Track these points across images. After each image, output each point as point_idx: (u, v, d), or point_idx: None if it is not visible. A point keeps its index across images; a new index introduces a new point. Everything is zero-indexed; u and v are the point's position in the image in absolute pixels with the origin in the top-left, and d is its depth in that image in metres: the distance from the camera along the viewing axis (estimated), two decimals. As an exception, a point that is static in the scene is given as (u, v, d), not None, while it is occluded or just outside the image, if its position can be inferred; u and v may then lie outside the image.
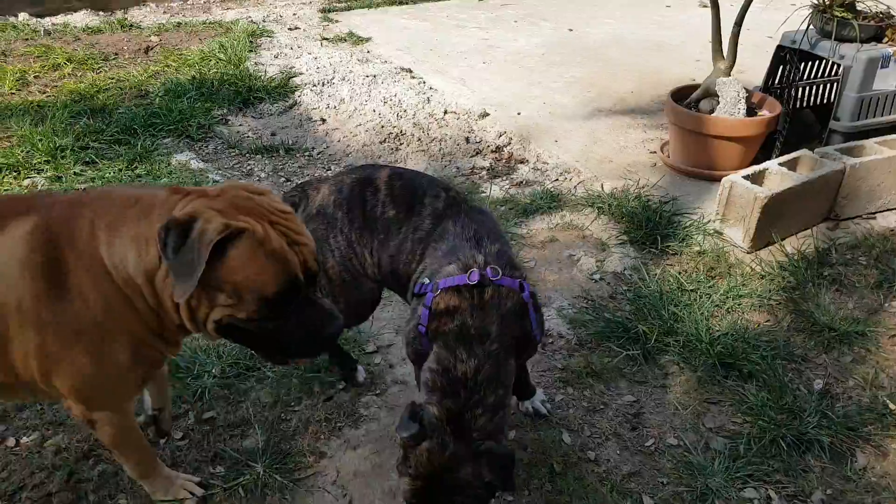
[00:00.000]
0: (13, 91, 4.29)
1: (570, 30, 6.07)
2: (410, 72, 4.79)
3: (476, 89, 4.57)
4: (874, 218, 3.13)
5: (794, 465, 1.98)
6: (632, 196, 3.23)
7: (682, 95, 3.54)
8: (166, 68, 4.75)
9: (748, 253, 2.88)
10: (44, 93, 4.31)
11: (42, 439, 2.04)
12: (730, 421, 2.13)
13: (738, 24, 3.35)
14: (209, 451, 2.03)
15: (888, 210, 3.16)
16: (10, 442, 2.04)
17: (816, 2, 3.38)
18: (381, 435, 2.07)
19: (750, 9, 3.34)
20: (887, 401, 2.18)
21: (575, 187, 3.45)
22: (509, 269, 1.71)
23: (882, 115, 3.37)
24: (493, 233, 1.82)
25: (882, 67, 3.25)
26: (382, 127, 4.00)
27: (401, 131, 4.00)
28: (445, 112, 4.21)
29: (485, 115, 4.18)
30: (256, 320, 1.43)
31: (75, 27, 5.66)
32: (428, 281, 1.70)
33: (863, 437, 2.06)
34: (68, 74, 4.58)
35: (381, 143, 3.91)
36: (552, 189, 3.41)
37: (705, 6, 6.65)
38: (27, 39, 5.31)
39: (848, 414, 2.12)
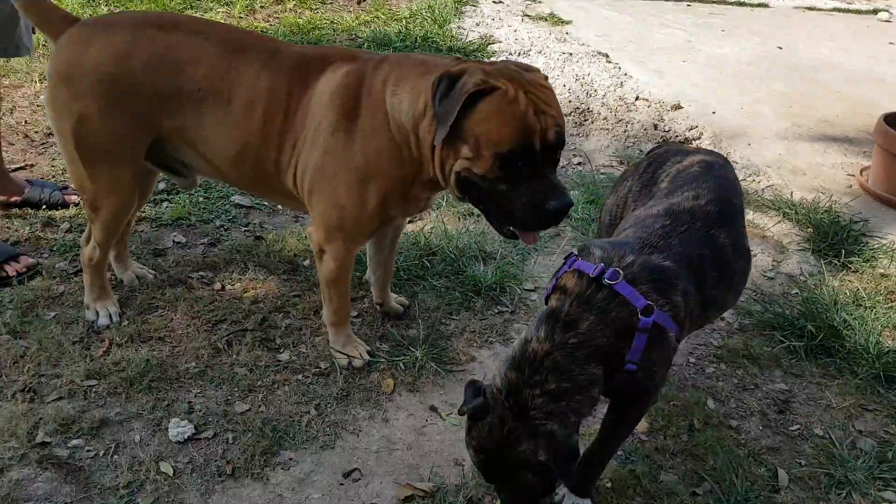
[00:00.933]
0: (242, 15, 4.86)
1: (780, 48, 5.83)
2: (606, 56, 4.86)
3: (672, 83, 4.57)
4: None
5: (941, 483, 1.90)
6: (821, 209, 3.14)
7: (893, 120, 3.35)
8: (376, 19, 5.12)
9: (939, 285, 2.72)
10: (267, 21, 4.84)
11: (243, 290, 2.41)
12: (882, 429, 2.08)
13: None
14: (378, 331, 2.31)
15: None
16: (217, 286, 2.42)
17: None
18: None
19: None
20: None
21: (763, 190, 3.39)
22: (651, 288, 1.52)
23: None
24: (688, 256, 1.61)
25: None
26: (570, 102, 4.13)
27: (588, 108, 4.12)
28: (637, 98, 4.26)
29: (678, 107, 4.18)
30: (490, 179, 1.62)
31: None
32: (576, 254, 1.64)
33: None
34: (290, 9, 5.04)
35: (566, 115, 4.05)
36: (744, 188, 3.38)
37: (939, 48, 6.14)
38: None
39: None
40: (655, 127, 3.97)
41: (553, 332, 1.48)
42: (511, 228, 1.75)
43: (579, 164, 3.57)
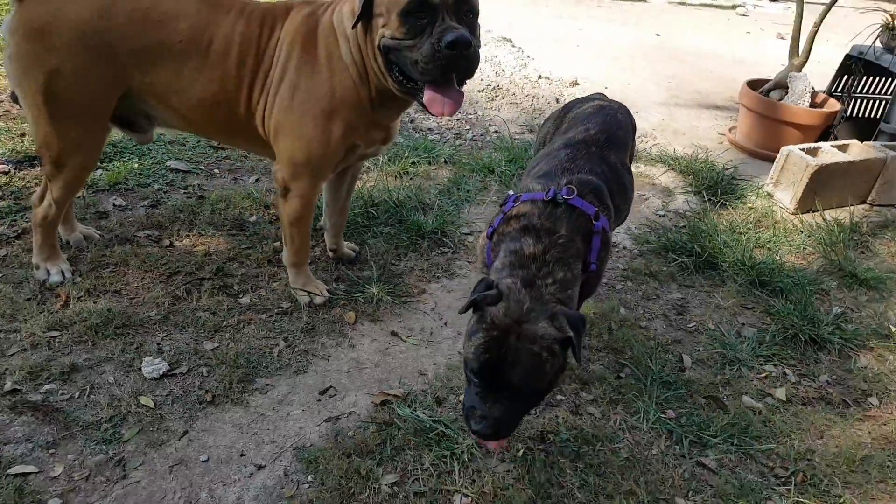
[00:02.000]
0: None
1: (658, 35, 6.48)
2: (510, 41, 5.26)
3: (568, 64, 5.02)
4: (907, 208, 3.49)
5: (808, 356, 2.36)
6: (699, 160, 3.63)
7: (755, 85, 3.93)
8: None
9: (793, 214, 3.26)
10: None
11: (192, 246, 2.51)
12: (760, 322, 2.52)
13: (815, 28, 3.73)
14: (333, 274, 2.49)
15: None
16: (166, 243, 2.51)
17: (887, 20, 3.74)
18: (470, 287, 2.50)
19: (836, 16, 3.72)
20: (892, 327, 2.53)
21: (650, 148, 3.86)
22: (593, 198, 1.77)
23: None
24: (603, 169, 1.90)
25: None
26: (482, 80, 4.47)
27: (498, 85, 4.47)
28: (539, 77, 4.66)
29: (575, 83, 4.62)
30: (399, 39, 1.77)
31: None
32: (513, 193, 1.84)
33: (866, 347, 2.43)
34: None
35: (479, 91, 4.38)
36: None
37: (782, 38, 7.04)
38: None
39: (857, 331, 2.48)
40: (557, 100, 4.37)
41: (540, 238, 1.65)
42: (423, 95, 1.83)
43: (495, 132, 3.89)
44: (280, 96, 2.00)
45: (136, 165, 2.91)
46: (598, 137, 2.01)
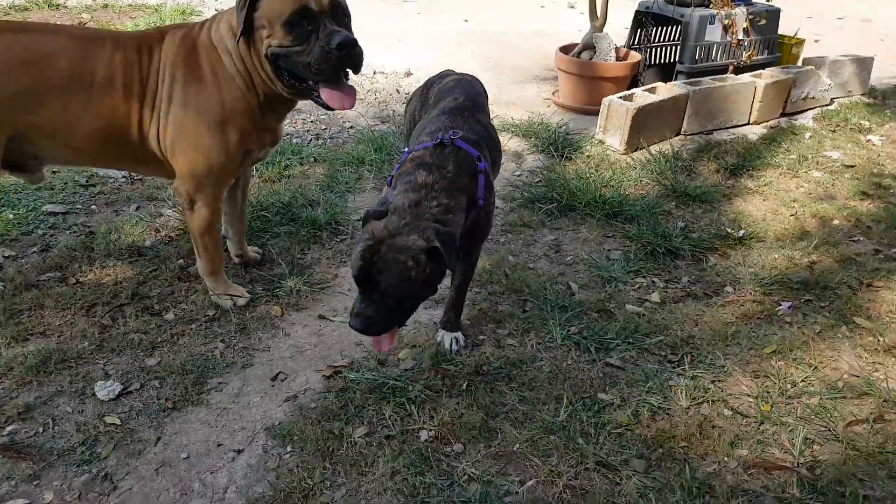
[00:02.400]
0: None
1: (466, 20, 6.99)
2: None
3: (397, 57, 5.33)
4: (711, 134, 4.21)
5: (668, 265, 2.86)
6: (535, 123, 4.11)
7: (566, 50, 4.49)
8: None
9: (623, 154, 3.83)
10: None
11: (98, 279, 2.53)
12: (622, 246, 3.00)
13: (606, -6, 4.36)
14: (247, 277, 2.62)
15: (720, 129, 4.25)
16: (72, 281, 2.51)
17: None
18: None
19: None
20: (726, 229, 3.14)
21: (492, 119, 4.28)
22: (473, 143, 2.04)
23: (711, 61, 4.50)
24: (478, 128, 2.19)
25: (710, 24, 4.36)
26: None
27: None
28: (374, 72, 4.94)
29: (409, 73, 4.95)
30: (287, 46, 1.97)
31: (2, 5, 5.84)
32: (407, 149, 2.11)
33: (711, 249, 2.99)
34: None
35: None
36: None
37: (572, 7, 7.87)
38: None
39: (702, 237, 3.05)
40: (397, 91, 4.68)
41: (431, 171, 1.92)
42: (320, 94, 2.03)
43: (350, 127, 4.12)
44: (172, 115, 2.12)
45: (11, 216, 2.82)
46: (467, 104, 2.31)
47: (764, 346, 2.39)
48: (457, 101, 2.31)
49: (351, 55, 1.99)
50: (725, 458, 1.93)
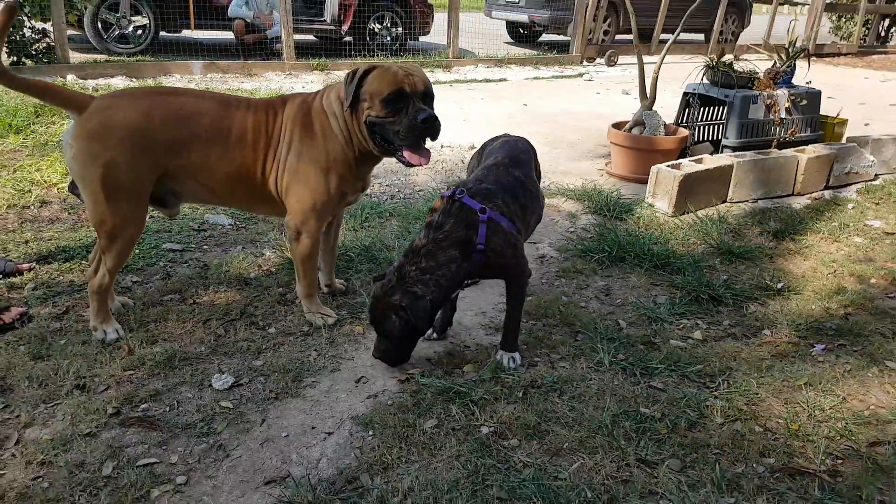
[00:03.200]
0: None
1: (525, 104, 7.60)
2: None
3: (463, 134, 5.90)
4: (756, 202, 4.51)
5: (710, 310, 3.14)
6: (589, 189, 4.52)
7: (618, 126, 4.94)
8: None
9: (672, 217, 4.17)
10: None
11: (211, 301, 2.99)
12: (668, 292, 3.30)
13: (655, 75, 4.82)
14: (334, 304, 3.03)
15: (765, 198, 4.55)
16: (189, 302, 2.97)
17: (708, 62, 4.91)
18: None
19: (668, 64, 4.83)
20: (767, 282, 3.40)
21: (548, 185, 4.72)
22: (480, 197, 2.44)
23: (755, 137, 4.85)
24: (508, 180, 2.60)
25: (753, 104, 4.75)
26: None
27: (410, 156, 5.24)
28: (442, 146, 5.48)
29: (472, 147, 5.47)
30: (382, 117, 2.49)
31: (117, 87, 6.76)
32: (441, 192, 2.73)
33: (752, 298, 3.26)
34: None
35: (395, 163, 5.11)
36: (532, 187, 4.68)
37: (627, 93, 8.41)
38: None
39: (743, 288, 3.32)
40: (462, 161, 5.19)
41: (428, 233, 2.40)
42: (404, 154, 2.53)
43: (420, 190, 4.61)
44: (289, 162, 2.62)
45: (137, 251, 3.36)
46: (504, 160, 2.73)
47: (796, 379, 2.62)
48: (496, 160, 2.74)
49: (431, 127, 2.52)
50: (754, 464, 2.16)
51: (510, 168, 2.70)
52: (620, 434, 2.25)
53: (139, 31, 8.67)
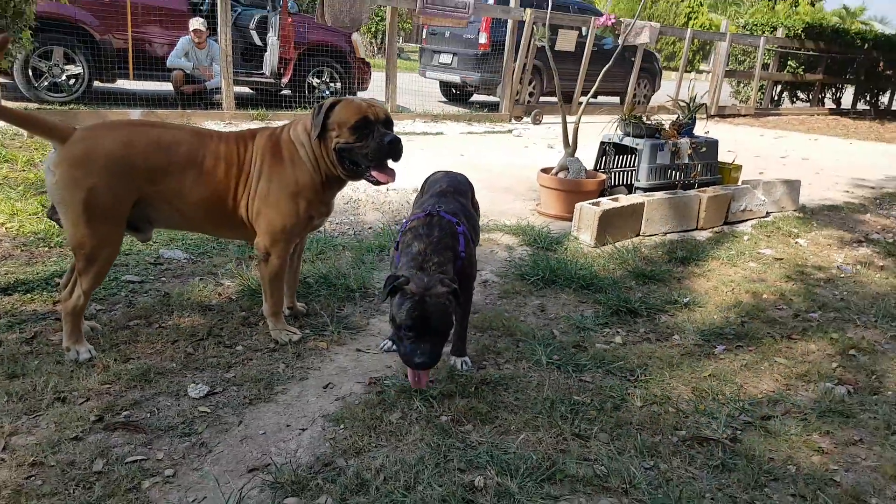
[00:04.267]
0: (23, 169, 5.41)
1: (462, 155, 8.12)
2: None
3: (406, 179, 6.24)
4: (665, 236, 5.07)
5: (628, 321, 3.58)
6: (523, 225, 4.98)
7: (546, 171, 5.47)
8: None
9: (594, 248, 4.66)
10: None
11: (176, 325, 3.18)
12: (593, 307, 3.73)
13: (576, 126, 5.40)
14: (296, 324, 3.29)
15: (672, 232, 5.13)
16: (155, 326, 3.16)
17: (622, 116, 5.54)
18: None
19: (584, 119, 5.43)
20: (676, 298, 3.89)
21: (487, 223, 5.15)
22: (452, 213, 2.75)
23: (663, 179, 5.47)
24: (456, 204, 2.92)
25: (660, 151, 5.38)
26: (342, 197, 5.55)
27: (358, 199, 5.59)
28: (388, 189, 5.86)
29: (416, 190, 5.85)
30: (351, 143, 2.82)
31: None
32: (405, 220, 2.84)
33: (663, 311, 3.72)
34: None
35: (345, 203, 5.46)
36: (469, 225, 5.11)
37: (551, 147, 9.09)
38: (12, 140, 6.43)
39: (655, 303, 3.79)
40: (407, 202, 5.57)
41: (422, 240, 2.63)
42: (373, 174, 2.85)
43: (370, 228, 4.95)
44: (259, 189, 2.91)
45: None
46: (449, 189, 3.08)
47: (702, 372, 3.05)
48: (441, 188, 3.10)
49: (396, 148, 2.88)
50: (669, 436, 2.55)
51: (456, 196, 3.07)
52: (558, 416, 2.59)
53: (72, 81, 8.74)
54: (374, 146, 2.83)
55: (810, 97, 17.76)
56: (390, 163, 2.94)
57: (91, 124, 2.84)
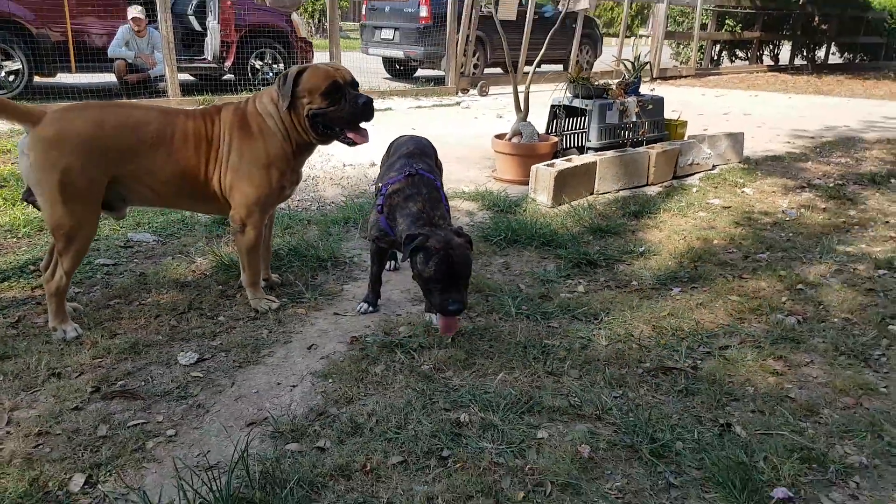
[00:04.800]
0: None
1: (413, 129, 8.21)
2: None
3: (362, 154, 6.38)
4: (618, 192, 5.32)
5: (589, 272, 3.80)
6: (481, 192, 5.15)
7: (500, 137, 5.64)
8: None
9: (551, 208, 4.87)
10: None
11: (156, 301, 3.26)
12: (555, 263, 3.94)
13: (527, 90, 5.58)
14: (272, 294, 3.40)
15: (625, 189, 5.38)
16: (135, 304, 3.23)
17: (570, 78, 5.74)
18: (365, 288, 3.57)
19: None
20: (632, 248, 4.13)
21: (446, 191, 5.28)
22: (429, 171, 3.00)
23: (612, 138, 5.71)
24: (425, 165, 3.08)
25: (609, 110, 5.60)
26: (304, 176, 5.62)
27: (316, 176, 5.66)
28: (344, 165, 5.95)
29: (373, 164, 5.98)
30: (324, 108, 2.92)
31: None
32: (381, 184, 3.02)
33: (620, 261, 3.95)
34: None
35: (304, 182, 5.52)
36: (430, 193, 5.25)
37: (500, 117, 9.26)
38: None
39: (613, 254, 4.02)
40: (365, 176, 5.68)
41: (416, 199, 2.82)
42: (349, 136, 2.97)
43: (331, 203, 5.05)
44: (231, 162, 2.99)
45: (73, 264, 3.56)
46: (416, 151, 3.25)
47: (661, 311, 3.29)
48: (409, 150, 3.27)
49: (370, 109, 3.00)
50: (634, 368, 2.77)
51: (422, 156, 3.23)
52: (531, 358, 2.80)
53: (11, 77, 8.51)
54: (349, 109, 2.94)
55: (749, 55, 18.33)
56: (363, 123, 3.05)
57: (61, 107, 2.87)
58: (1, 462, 2.10)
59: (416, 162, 3.10)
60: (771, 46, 18.90)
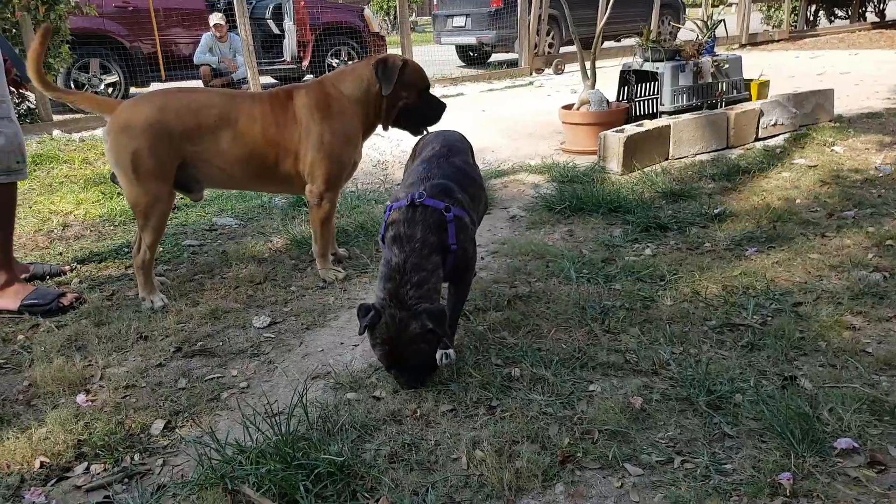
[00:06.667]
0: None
1: (484, 111, 8.24)
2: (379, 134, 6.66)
3: (432, 135, 6.49)
4: (696, 157, 5.13)
5: (659, 235, 3.71)
6: (548, 163, 5.11)
7: (568, 108, 5.57)
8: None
9: (621, 175, 4.77)
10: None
11: (235, 275, 3.48)
12: (622, 228, 3.87)
13: (593, 56, 5.47)
14: (340, 267, 3.54)
15: (702, 153, 5.18)
16: (217, 278, 3.46)
17: (639, 42, 5.58)
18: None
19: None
20: (707, 211, 3.98)
21: (512, 167, 5.31)
22: (442, 195, 2.28)
23: (686, 102, 5.50)
24: (449, 168, 2.48)
25: (682, 72, 5.41)
26: (372, 159, 5.79)
27: (385, 160, 5.82)
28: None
29: (443, 143, 6.06)
30: (417, 105, 3.14)
31: (100, 137, 7.23)
32: (390, 202, 2.40)
33: (694, 224, 3.83)
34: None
35: (373, 166, 5.69)
36: (500, 167, 5.27)
37: (574, 92, 9.10)
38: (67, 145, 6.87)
39: (686, 217, 3.90)
40: (436, 154, 5.77)
41: (402, 248, 2.19)
42: (425, 129, 3.26)
43: (398, 185, 5.16)
44: (313, 141, 3.10)
45: (160, 248, 3.84)
46: (442, 150, 2.66)
47: (732, 271, 3.18)
48: (433, 150, 2.69)
49: (442, 112, 3.35)
50: (699, 326, 2.70)
51: (449, 157, 2.63)
52: (588, 318, 2.78)
53: (111, 89, 9.21)
54: (432, 110, 3.27)
55: (849, 13, 17.06)
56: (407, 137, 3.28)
57: (135, 97, 3.11)
58: (94, 409, 2.33)
59: (439, 166, 2.54)
60: (875, 1, 17.49)
